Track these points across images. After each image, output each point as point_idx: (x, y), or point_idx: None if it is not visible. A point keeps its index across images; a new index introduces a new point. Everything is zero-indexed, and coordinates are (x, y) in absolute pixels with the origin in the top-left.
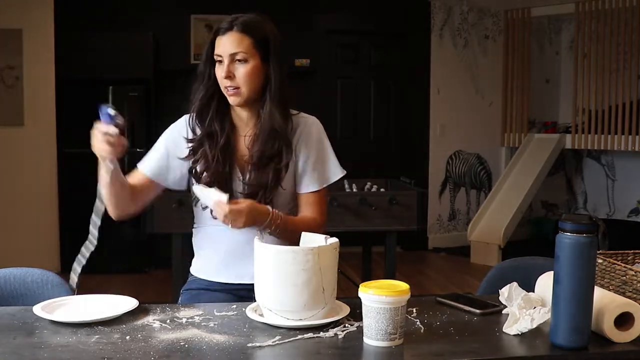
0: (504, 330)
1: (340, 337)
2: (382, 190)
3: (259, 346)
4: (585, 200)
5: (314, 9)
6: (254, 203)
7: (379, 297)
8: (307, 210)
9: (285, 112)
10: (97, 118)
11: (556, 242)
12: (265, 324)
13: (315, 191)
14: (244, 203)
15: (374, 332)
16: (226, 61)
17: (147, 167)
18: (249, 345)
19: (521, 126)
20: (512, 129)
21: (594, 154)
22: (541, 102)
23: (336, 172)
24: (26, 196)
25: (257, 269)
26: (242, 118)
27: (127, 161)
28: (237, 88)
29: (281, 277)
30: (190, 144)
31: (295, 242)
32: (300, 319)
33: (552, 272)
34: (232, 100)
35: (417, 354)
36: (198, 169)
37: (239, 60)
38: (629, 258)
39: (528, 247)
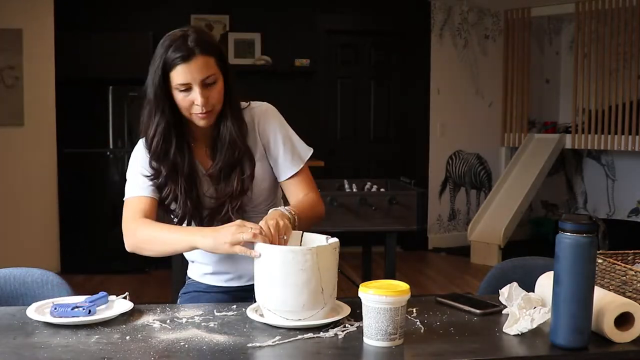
0: (504, 330)
1: (340, 337)
2: (382, 190)
3: (259, 346)
4: (585, 200)
5: (314, 9)
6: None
7: (379, 297)
8: (298, 193)
9: (240, 116)
10: (97, 118)
11: (556, 242)
12: (265, 324)
13: (296, 173)
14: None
15: (374, 332)
16: (198, 88)
17: (146, 190)
18: (249, 345)
19: (521, 126)
20: (512, 129)
21: (594, 154)
22: (541, 102)
23: (307, 149)
24: (26, 196)
25: (257, 269)
26: (199, 134)
27: (127, 161)
28: (210, 111)
29: (280, 277)
30: (153, 181)
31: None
32: (300, 319)
33: (552, 272)
34: (204, 122)
35: (417, 354)
36: (167, 202)
37: (209, 83)
38: (629, 258)
39: (528, 247)
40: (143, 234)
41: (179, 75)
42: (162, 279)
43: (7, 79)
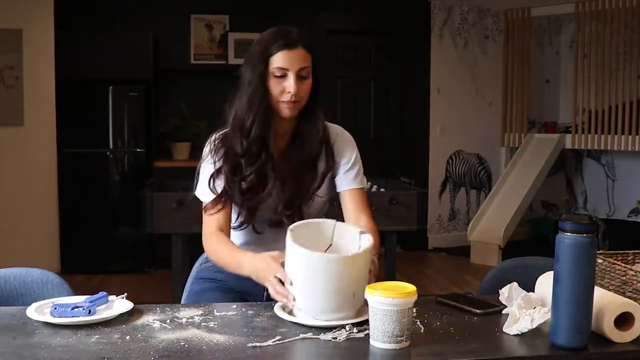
0: (504, 330)
1: (340, 337)
2: (382, 190)
3: (259, 346)
4: (585, 200)
5: (314, 8)
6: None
7: (386, 299)
8: (356, 210)
9: (323, 119)
10: (97, 118)
11: (556, 242)
12: (295, 322)
13: (359, 188)
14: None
15: (381, 334)
16: (293, 76)
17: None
18: (249, 345)
19: (521, 126)
20: (512, 129)
21: (594, 154)
22: (541, 102)
23: (365, 178)
24: (26, 196)
25: (290, 271)
26: (280, 126)
27: (127, 160)
28: (297, 102)
29: (310, 283)
30: (249, 160)
31: None
32: (329, 320)
33: (552, 272)
34: (289, 112)
35: (418, 354)
36: (247, 184)
37: (303, 76)
38: (629, 258)
39: (528, 247)
40: (211, 251)
41: (279, 60)
42: (162, 278)
43: (7, 79)
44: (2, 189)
